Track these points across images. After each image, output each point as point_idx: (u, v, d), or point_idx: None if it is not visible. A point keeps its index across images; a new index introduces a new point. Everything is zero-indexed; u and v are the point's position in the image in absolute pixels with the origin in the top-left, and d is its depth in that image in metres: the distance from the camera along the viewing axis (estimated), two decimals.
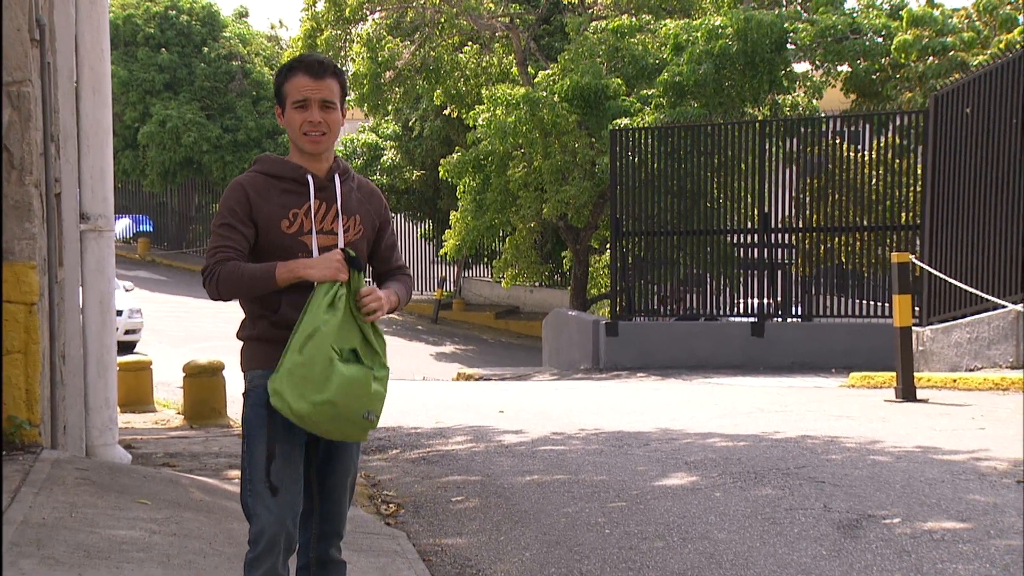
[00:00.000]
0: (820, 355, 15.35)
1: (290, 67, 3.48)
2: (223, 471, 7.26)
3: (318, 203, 3.45)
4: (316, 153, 3.46)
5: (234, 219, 3.39)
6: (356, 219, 3.51)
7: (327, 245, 3.44)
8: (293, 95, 3.42)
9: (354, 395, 3.31)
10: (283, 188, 3.44)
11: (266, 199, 3.41)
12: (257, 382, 3.42)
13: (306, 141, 3.44)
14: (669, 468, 7.15)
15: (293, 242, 3.41)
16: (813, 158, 16.69)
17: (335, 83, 3.45)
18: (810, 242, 16.55)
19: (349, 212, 3.50)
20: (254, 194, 3.41)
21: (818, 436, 8.30)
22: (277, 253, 3.40)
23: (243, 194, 3.41)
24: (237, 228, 3.39)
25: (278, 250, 3.41)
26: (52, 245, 6.37)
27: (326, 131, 3.43)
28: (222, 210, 3.43)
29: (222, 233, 3.39)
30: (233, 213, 3.40)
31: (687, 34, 19.39)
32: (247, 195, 3.41)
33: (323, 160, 3.49)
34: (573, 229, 21.77)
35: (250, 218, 3.40)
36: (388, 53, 23.88)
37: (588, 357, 16.62)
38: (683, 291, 17.32)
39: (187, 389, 10.19)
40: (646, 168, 17.01)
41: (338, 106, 3.46)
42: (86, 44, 6.86)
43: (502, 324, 28.41)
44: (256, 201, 3.41)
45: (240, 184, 3.45)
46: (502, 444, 8.47)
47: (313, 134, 3.42)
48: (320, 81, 3.42)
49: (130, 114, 35.26)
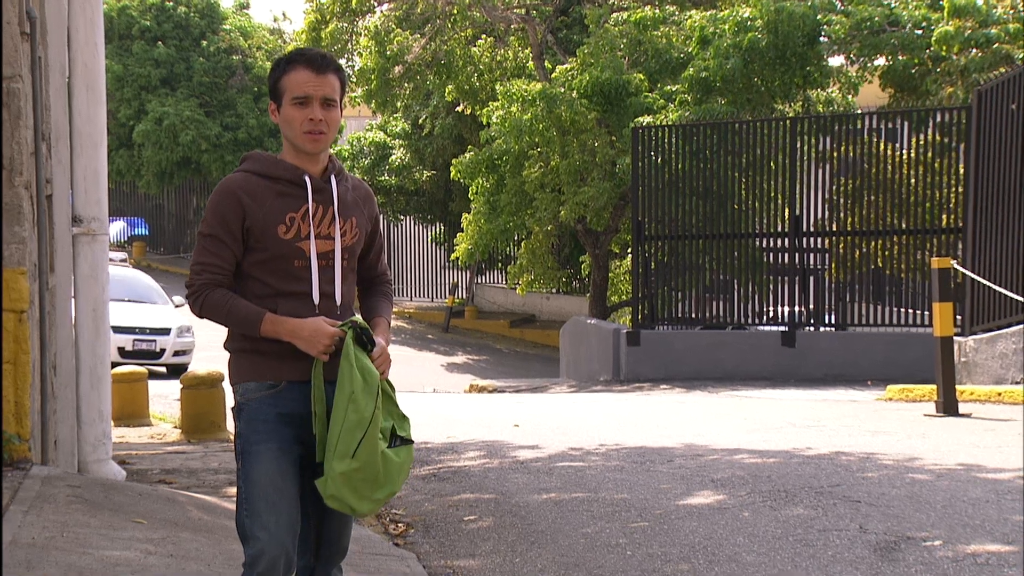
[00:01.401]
0: (855, 366, 15.30)
1: (289, 60, 3.44)
2: (223, 488, 7.28)
3: (315, 206, 3.43)
4: (315, 153, 3.44)
5: (223, 231, 3.37)
6: (352, 222, 3.51)
7: (325, 250, 3.44)
8: (293, 90, 3.40)
9: (405, 471, 3.49)
10: (278, 190, 3.41)
11: (260, 203, 3.39)
12: (251, 395, 3.41)
13: (307, 140, 3.41)
14: (694, 486, 7.13)
15: (290, 249, 3.40)
16: (848, 157, 16.64)
17: (336, 79, 3.44)
18: (844, 246, 16.50)
19: (346, 215, 3.49)
20: (247, 199, 3.38)
21: (853, 452, 8.27)
22: (274, 261, 3.40)
23: (235, 201, 3.38)
24: (225, 244, 3.37)
25: (274, 258, 3.40)
26: (43, 250, 6.40)
27: (325, 130, 3.41)
28: (210, 216, 3.39)
29: (209, 248, 3.38)
30: (223, 224, 3.37)
31: (714, 26, 19.37)
32: (239, 201, 3.38)
33: (319, 160, 3.47)
34: (592, 233, 21.77)
35: (242, 228, 3.38)
36: (397, 47, 23.94)
37: (608, 368, 16.60)
38: (709, 298, 17.28)
39: (184, 402, 10.21)
40: (670, 168, 17.00)
41: (338, 104, 3.45)
42: (79, 38, 6.89)
43: (517, 333, 28.41)
44: (250, 206, 3.38)
45: (232, 188, 3.40)
46: (517, 460, 8.47)
47: (314, 133, 3.40)
48: (322, 76, 3.40)
49: (125, 111, 35.42)
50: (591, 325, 18.05)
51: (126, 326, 17.31)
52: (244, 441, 3.41)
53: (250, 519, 3.35)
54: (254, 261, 3.41)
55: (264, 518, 3.33)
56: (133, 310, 17.78)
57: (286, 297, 3.40)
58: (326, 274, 3.45)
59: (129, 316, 17.48)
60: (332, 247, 3.45)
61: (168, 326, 17.74)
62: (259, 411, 3.39)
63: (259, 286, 3.42)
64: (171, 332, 17.74)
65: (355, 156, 29.97)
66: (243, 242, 3.40)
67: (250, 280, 3.43)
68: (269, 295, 3.41)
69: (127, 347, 17.40)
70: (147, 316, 17.82)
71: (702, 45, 19.50)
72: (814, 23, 18.83)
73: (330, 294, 3.46)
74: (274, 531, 3.33)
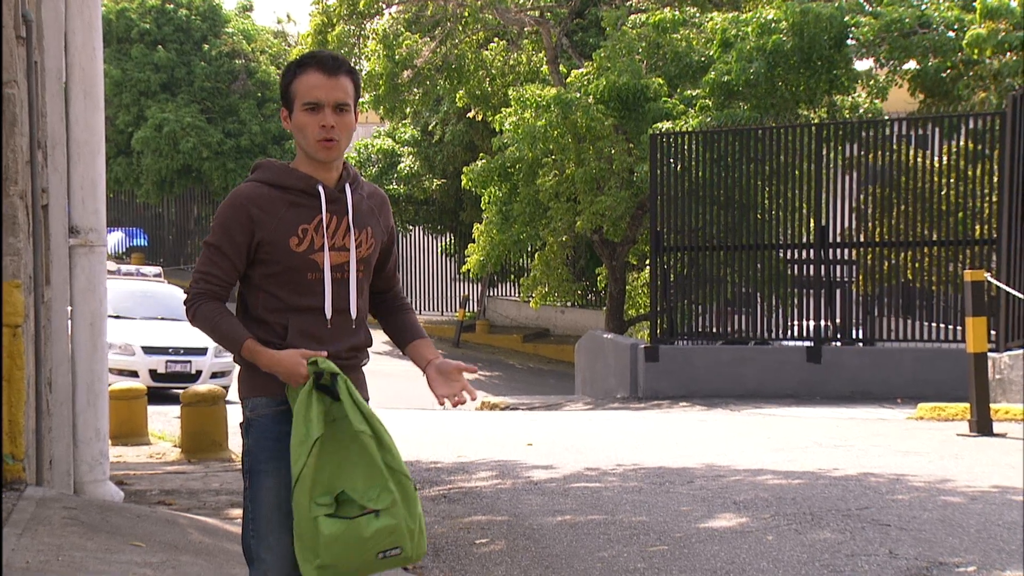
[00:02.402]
0: (884, 383, 15.26)
1: (300, 64, 3.42)
2: (224, 510, 7.29)
3: (328, 216, 3.42)
4: (328, 160, 3.43)
5: (228, 244, 3.38)
6: (367, 232, 3.50)
7: (339, 262, 3.43)
8: (304, 96, 3.38)
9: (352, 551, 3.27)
10: (290, 201, 3.40)
11: (271, 214, 3.38)
12: (261, 411, 3.40)
13: (319, 147, 3.39)
14: (716, 508, 7.12)
15: (303, 261, 3.39)
16: (876, 165, 16.62)
17: (349, 82, 3.42)
18: (873, 258, 16.47)
19: (361, 225, 3.48)
20: (257, 210, 3.38)
21: (882, 474, 8.24)
22: (286, 274, 3.40)
23: (244, 214, 3.38)
24: (228, 256, 3.38)
25: (287, 271, 3.40)
26: (39, 261, 6.42)
27: (338, 137, 3.40)
28: (218, 226, 3.40)
29: (212, 257, 3.40)
30: (228, 236, 3.38)
31: (736, 29, 19.38)
32: (249, 214, 3.38)
33: (333, 168, 3.46)
34: (609, 244, 21.77)
35: (249, 243, 3.38)
36: (406, 50, 24.00)
37: (625, 384, 16.58)
38: (731, 312, 17.26)
39: (185, 419, 10.24)
40: (690, 176, 17.00)
41: (352, 108, 3.43)
42: (76, 42, 6.93)
43: (530, 348, 28.39)
44: (260, 218, 3.38)
45: (242, 200, 3.39)
46: (531, 481, 8.46)
47: (327, 140, 3.39)
48: (334, 79, 3.38)
49: (123, 118, 35.57)
50: (608, 340, 18.04)
51: (158, 346, 16.89)
52: (252, 459, 3.40)
53: (256, 540, 3.35)
54: (266, 274, 3.41)
55: (270, 540, 3.33)
56: (167, 329, 17.30)
57: (298, 312, 3.40)
58: (340, 287, 3.44)
59: (162, 335, 17.05)
60: (347, 259, 3.44)
61: (204, 345, 16.91)
62: (269, 428, 3.39)
63: (271, 300, 3.42)
64: (208, 352, 16.89)
65: (362, 164, 30.03)
66: (252, 255, 3.41)
67: (261, 293, 3.43)
68: (280, 309, 3.41)
69: (159, 369, 16.81)
70: (182, 335, 17.07)
71: (724, 48, 19.50)
72: (841, 25, 18.82)
73: (344, 308, 3.44)
74: (280, 553, 3.33)
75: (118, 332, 16.13)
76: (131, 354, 16.65)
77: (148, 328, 17.27)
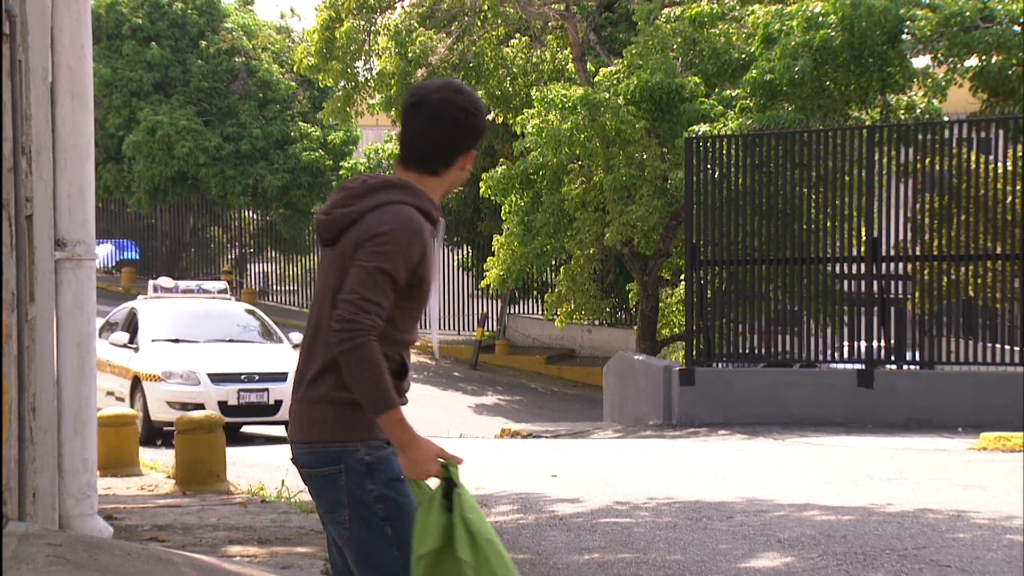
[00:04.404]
0: (943, 410, 15.19)
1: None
2: (222, 547, 7.30)
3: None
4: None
5: (402, 274, 3.48)
6: None
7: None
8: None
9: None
10: (432, 232, 3.61)
11: (431, 245, 3.59)
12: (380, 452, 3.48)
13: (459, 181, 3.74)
14: (758, 546, 7.10)
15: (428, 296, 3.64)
16: (934, 171, 16.59)
17: None
18: (930, 273, 16.42)
19: None
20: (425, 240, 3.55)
21: (941, 510, 8.21)
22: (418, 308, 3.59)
23: (423, 242, 3.52)
24: (396, 289, 3.48)
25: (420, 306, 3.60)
26: (22, 277, 6.46)
27: None
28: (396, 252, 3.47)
29: (385, 288, 3.46)
30: (407, 265, 3.48)
31: (780, 23, 19.38)
32: (425, 243, 3.54)
33: None
34: (640, 257, 21.77)
35: (413, 274, 3.51)
36: (420, 48, 24.10)
37: (659, 411, 16.56)
38: (774, 331, 17.23)
39: (179, 448, 10.26)
40: (729, 184, 16.99)
41: None
42: (64, 39, 6.99)
43: (554, 370, 28.39)
44: (427, 249, 3.56)
45: (421, 227, 3.53)
46: (555, 515, 8.45)
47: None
48: None
49: (114, 120, 35.79)
50: (639, 362, 18.02)
51: (229, 372, 15.81)
52: (389, 505, 3.47)
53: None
54: (404, 307, 3.55)
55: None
56: (237, 352, 16.42)
57: (407, 347, 3.59)
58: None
59: (232, 360, 16.10)
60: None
61: (284, 370, 15.58)
62: (395, 467, 3.48)
63: (392, 331, 3.54)
64: (287, 378, 15.22)
65: (372, 170, 30.15)
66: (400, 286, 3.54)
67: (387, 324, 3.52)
68: (398, 342, 3.57)
69: (231, 400, 15.56)
70: (255, 358, 16.24)
71: (766, 44, 19.50)
72: (896, 19, 18.79)
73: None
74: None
75: (180, 358, 15.88)
76: (195, 383, 15.65)
77: (215, 352, 16.36)
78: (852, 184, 16.47)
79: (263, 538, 7.59)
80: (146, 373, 15.76)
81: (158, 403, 15.50)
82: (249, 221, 38.33)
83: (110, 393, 16.06)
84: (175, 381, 15.57)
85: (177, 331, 16.69)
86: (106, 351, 15.73)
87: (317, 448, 3.49)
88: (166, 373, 15.67)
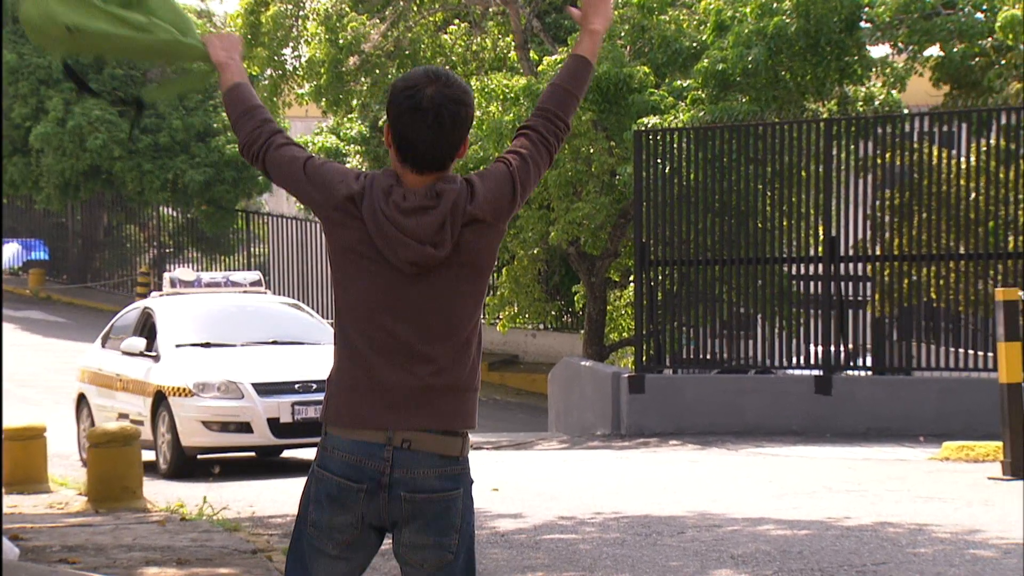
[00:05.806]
0: (904, 419, 15.31)
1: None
2: (137, 569, 7.24)
3: None
4: None
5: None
6: None
7: None
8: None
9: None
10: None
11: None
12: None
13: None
14: (710, 563, 7.12)
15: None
16: (894, 166, 16.73)
17: None
18: (890, 274, 16.56)
19: None
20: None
21: (902, 523, 8.27)
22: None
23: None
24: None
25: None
26: None
27: None
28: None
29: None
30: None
31: (732, 9, 19.51)
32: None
33: None
34: (587, 257, 21.82)
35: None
36: (352, 34, 24.00)
37: (606, 420, 16.59)
38: (727, 336, 17.31)
39: (92, 463, 10.17)
40: (680, 179, 17.05)
41: None
42: None
43: (496, 377, 28.37)
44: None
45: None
46: (496, 531, 8.45)
47: None
48: None
49: (20, 110, 35.39)
50: (586, 368, 18.05)
51: (278, 382, 13.42)
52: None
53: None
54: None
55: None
56: (284, 356, 14.07)
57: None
58: None
59: (281, 367, 13.71)
60: None
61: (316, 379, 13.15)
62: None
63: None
64: (314, 388, 13.20)
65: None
66: None
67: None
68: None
69: (283, 417, 13.16)
70: (310, 364, 13.64)
71: (719, 32, 19.62)
72: (853, 5, 18.96)
73: None
74: None
75: (215, 366, 13.48)
76: (238, 397, 13.24)
77: (257, 357, 13.99)
78: (809, 180, 16.58)
79: (183, 559, 7.52)
80: (173, 387, 13.30)
81: (191, 424, 13.07)
82: (168, 219, 38.02)
83: (123, 415, 13.81)
84: (211, 395, 13.11)
85: (207, 333, 14.27)
86: (114, 363, 14.40)
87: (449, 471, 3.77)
88: (199, 385, 13.19)
